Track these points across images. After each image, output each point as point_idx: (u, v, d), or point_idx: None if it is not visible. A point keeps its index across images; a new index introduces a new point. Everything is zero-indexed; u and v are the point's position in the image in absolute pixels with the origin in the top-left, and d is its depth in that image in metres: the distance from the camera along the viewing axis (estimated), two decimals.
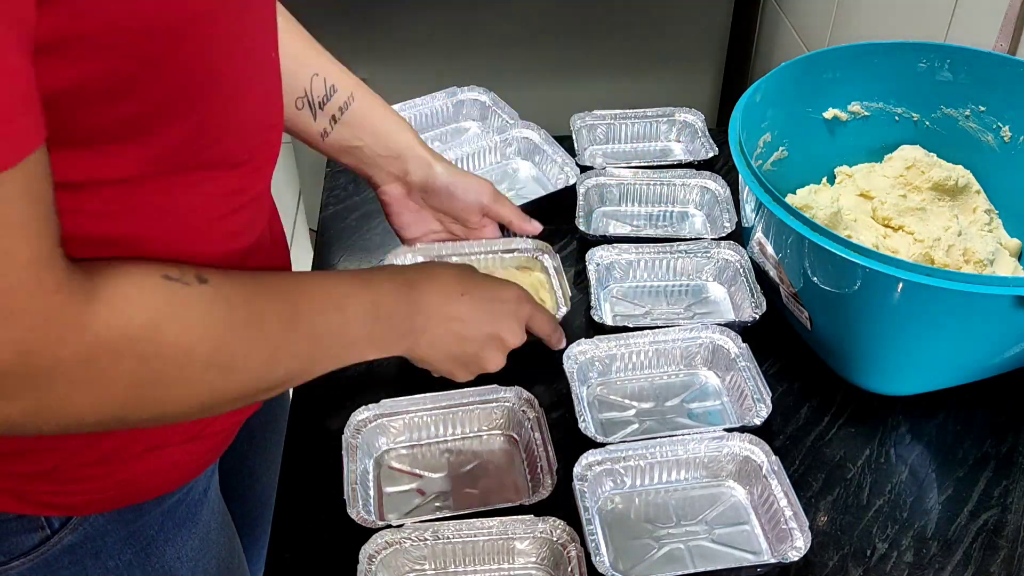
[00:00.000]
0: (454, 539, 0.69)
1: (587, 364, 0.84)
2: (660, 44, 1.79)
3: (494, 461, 0.79)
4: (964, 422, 0.83)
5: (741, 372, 0.83)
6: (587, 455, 0.74)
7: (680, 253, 0.95)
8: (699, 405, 0.84)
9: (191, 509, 0.72)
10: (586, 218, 1.01)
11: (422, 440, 0.81)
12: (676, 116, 1.16)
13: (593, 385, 0.85)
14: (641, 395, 0.85)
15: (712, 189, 1.04)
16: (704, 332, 0.86)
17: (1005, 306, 0.71)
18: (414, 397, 0.80)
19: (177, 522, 0.71)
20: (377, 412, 0.79)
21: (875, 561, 0.72)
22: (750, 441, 0.76)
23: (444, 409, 0.80)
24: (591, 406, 0.83)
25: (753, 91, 0.89)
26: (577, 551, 0.69)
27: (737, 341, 0.84)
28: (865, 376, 0.84)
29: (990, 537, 0.74)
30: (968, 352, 0.79)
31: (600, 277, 0.93)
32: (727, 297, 0.94)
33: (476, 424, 0.81)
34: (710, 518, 0.75)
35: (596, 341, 0.85)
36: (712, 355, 0.86)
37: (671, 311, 0.93)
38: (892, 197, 0.93)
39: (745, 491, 0.76)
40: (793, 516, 0.71)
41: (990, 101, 0.93)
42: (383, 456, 0.79)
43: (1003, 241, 0.93)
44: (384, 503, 0.75)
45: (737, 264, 0.93)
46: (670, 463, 0.76)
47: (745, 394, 0.82)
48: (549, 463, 0.75)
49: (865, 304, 0.76)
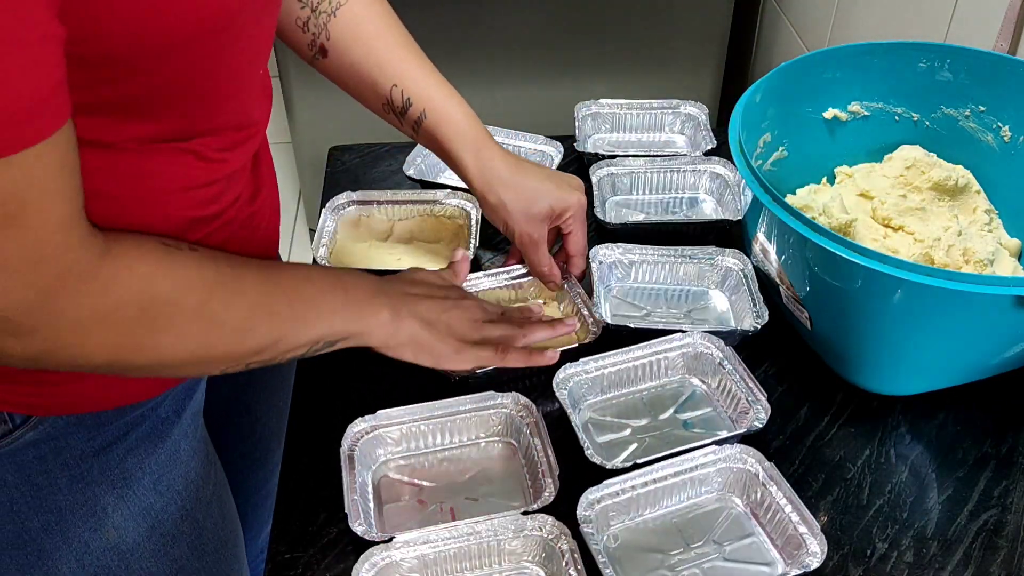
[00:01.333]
0: (448, 547, 0.69)
1: (576, 387, 0.83)
2: (660, 44, 1.79)
3: (494, 468, 0.79)
4: (964, 422, 0.83)
5: (730, 375, 0.82)
6: (587, 495, 0.72)
7: (684, 258, 0.95)
8: (692, 414, 0.83)
9: (157, 426, 0.75)
10: (601, 207, 1.01)
11: (420, 450, 0.80)
12: (681, 108, 1.16)
13: (584, 409, 0.83)
14: (633, 412, 0.83)
15: (722, 174, 1.06)
16: (687, 339, 0.85)
17: (1005, 306, 0.71)
18: (410, 407, 0.79)
19: (141, 435, 0.74)
20: (373, 423, 0.78)
21: (875, 561, 0.72)
22: (741, 451, 0.75)
23: (440, 418, 0.79)
24: (586, 430, 0.81)
25: (753, 91, 0.89)
26: (569, 544, 0.69)
27: (720, 345, 0.84)
28: (865, 376, 0.84)
29: (990, 537, 0.74)
30: (968, 352, 0.79)
31: (602, 275, 0.93)
32: (728, 305, 0.94)
33: (474, 431, 0.81)
34: (717, 535, 0.73)
35: (582, 363, 0.83)
36: (696, 361, 0.85)
37: (670, 314, 0.93)
38: (892, 197, 0.93)
39: (744, 501, 0.75)
40: (801, 520, 0.70)
41: (990, 101, 0.93)
42: (381, 467, 0.78)
43: (1003, 241, 0.93)
44: (385, 515, 0.75)
45: (740, 273, 0.93)
46: (667, 487, 0.74)
47: (738, 397, 0.81)
48: (550, 467, 0.75)
49: (865, 304, 0.76)
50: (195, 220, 0.65)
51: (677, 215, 1.06)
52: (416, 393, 0.81)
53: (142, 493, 0.75)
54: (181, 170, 0.63)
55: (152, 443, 0.75)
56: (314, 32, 0.82)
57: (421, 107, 0.84)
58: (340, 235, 1.00)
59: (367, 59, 0.83)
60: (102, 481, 0.73)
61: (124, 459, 0.74)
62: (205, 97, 0.61)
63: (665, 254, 0.95)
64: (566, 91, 1.75)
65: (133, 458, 0.74)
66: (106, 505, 0.73)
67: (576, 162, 1.13)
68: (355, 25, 0.83)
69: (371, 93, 0.85)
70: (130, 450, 0.74)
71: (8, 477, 0.69)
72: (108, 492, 0.73)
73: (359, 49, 0.83)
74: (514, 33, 1.74)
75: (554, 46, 1.77)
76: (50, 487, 0.71)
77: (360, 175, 1.11)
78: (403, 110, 0.84)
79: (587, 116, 1.16)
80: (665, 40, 1.79)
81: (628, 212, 1.06)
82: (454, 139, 0.84)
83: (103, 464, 0.72)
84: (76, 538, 0.73)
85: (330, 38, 0.82)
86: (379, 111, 0.86)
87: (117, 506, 0.74)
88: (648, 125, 1.17)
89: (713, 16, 1.76)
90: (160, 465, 0.76)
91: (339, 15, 0.82)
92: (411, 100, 0.84)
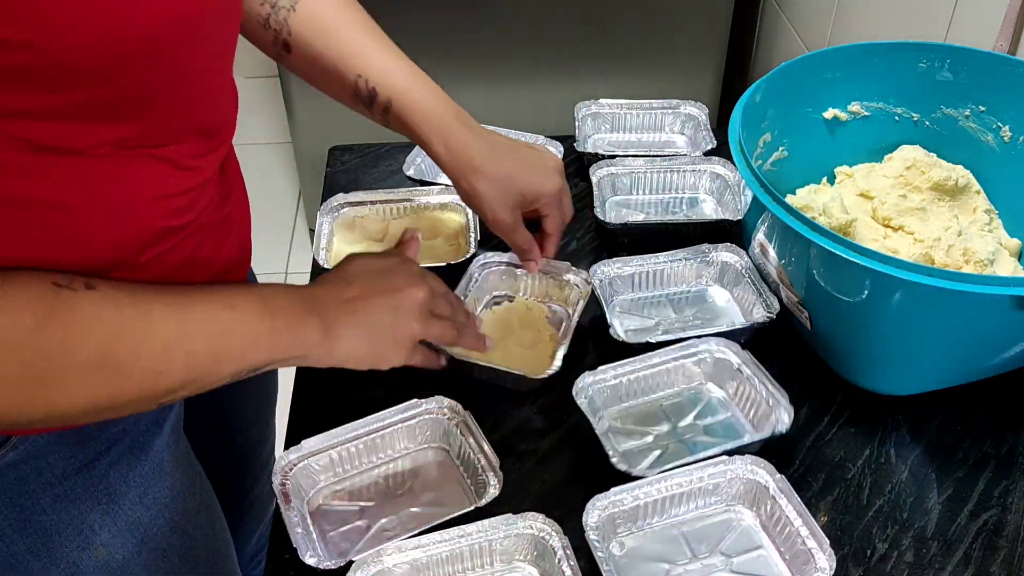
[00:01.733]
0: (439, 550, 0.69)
1: (596, 395, 0.82)
2: (660, 44, 1.79)
3: (430, 474, 0.78)
4: (964, 422, 0.83)
5: (748, 380, 0.81)
6: (593, 501, 0.71)
7: (679, 260, 0.95)
8: (713, 420, 0.82)
9: (139, 439, 0.73)
10: (601, 207, 1.01)
11: (352, 472, 0.78)
12: (681, 108, 1.16)
13: (604, 418, 0.83)
14: (653, 419, 0.83)
15: (722, 175, 1.06)
16: (702, 345, 0.84)
17: (1005, 306, 0.71)
18: (333, 431, 0.77)
19: (123, 449, 0.72)
20: (299, 455, 0.76)
21: (875, 561, 0.72)
22: (753, 462, 0.74)
23: (366, 436, 0.78)
24: (605, 438, 0.79)
25: (753, 91, 0.89)
26: (561, 541, 0.68)
27: (736, 349, 0.83)
28: (865, 376, 0.84)
29: (990, 537, 0.74)
30: (968, 352, 0.79)
31: (605, 293, 0.92)
32: (731, 300, 0.94)
33: (403, 443, 0.79)
34: (724, 547, 0.73)
35: (600, 372, 0.82)
36: (713, 368, 0.84)
37: (680, 320, 0.93)
38: (892, 197, 0.93)
39: (753, 513, 0.74)
40: (811, 535, 0.69)
41: (990, 101, 0.93)
42: (317, 496, 0.77)
43: (1003, 241, 0.93)
44: (332, 541, 0.73)
45: (738, 266, 0.93)
46: (676, 496, 0.73)
47: (757, 401, 0.80)
48: (490, 463, 0.74)
49: (865, 304, 0.76)
50: (167, 230, 0.64)
51: (677, 215, 1.06)
52: (339, 416, 0.79)
53: (128, 508, 0.74)
54: (156, 179, 0.61)
55: (135, 456, 0.73)
56: (276, 29, 0.80)
57: (387, 96, 0.82)
58: (337, 238, 1.00)
59: (328, 51, 0.81)
60: (87, 498, 0.71)
61: (107, 474, 0.72)
62: (174, 100, 0.60)
63: (660, 260, 0.95)
64: (566, 91, 1.75)
65: (116, 472, 0.72)
66: (92, 523, 0.72)
67: (576, 162, 1.13)
68: (314, 18, 0.81)
69: (338, 85, 0.82)
70: (112, 464, 0.72)
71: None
72: (93, 509, 0.72)
73: (320, 42, 0.81)
74: (514, 33, 1.74)
75: (554, 46, 1.77)
76: (34, 507, 0.69)
77: (360, 175, 1.11)
78: (370, 100, 0.82)
79: (587, 116, 1.16)
80: (665, 40, 1.79)
81: (628, 212, 1.06)
82: (422, 125, 0.82)
83: (87, 481, 0.71)
84: (64, 558, 0.72)
85: (291, 33, 0.80)
86: (348, 103, 0.84)
87: (104, 523, 0.72)
88: (648, 125, 1.17)
89: (713, 16, 1.76)
90: (144, 478, 0.75)
91: (298, 9, 0.80)
92: (376, 89, 0.81)
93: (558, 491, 0.77)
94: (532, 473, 0.78)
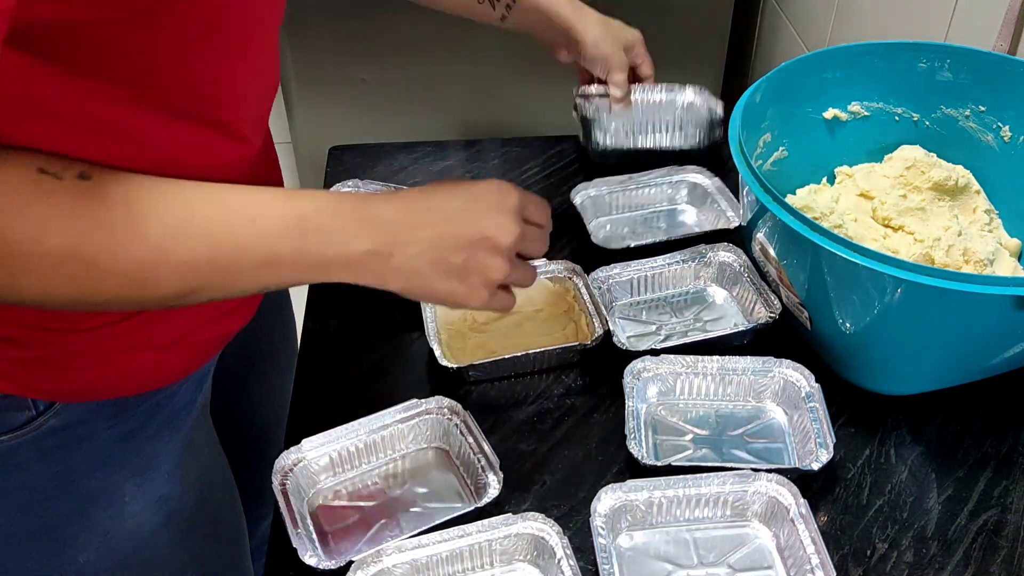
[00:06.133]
0: (439, 549, 0.69)
1: (647, 382, 0.81)
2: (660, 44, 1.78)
3: (430, 474, 0.78)
4: (964, 422, 0.83)
5: (809, 413, 0.80)
6: (606, 490, 0.71)
7: (677, 262, 0.95)
8: (760, 442, 0.81)
9: (175, 414, 0.76)
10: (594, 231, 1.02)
11: (352, 472, 0.78)
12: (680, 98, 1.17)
13: (653, 405, 0.82)
14: (700, 422, 0.82)
15: (701, 183, 1.07)
16: (777, 367, 0.82)
17: (1005, 306, 0.71)
18: (333, 431, 0.77)
19: (161, 423, 0.75)
20: (298, 456, 0.76)
21: (875, 561, 0.72)
22: (778, 482, 0.72)
23: (366, 436, 0.78)
24: (646, 426, 0.79)
25: (753, 91, 0.89)
26: (561, 540, 0.68)
27: (810, 380, 0.81)
28: (865, 376, 0.84)
29: (990, 537, 0.74)
30: (968, 352, 0.79)
31: (604, 301, 0.91)
32: (731, 300, 0.94)
33: (402, 443, 0.79)
34: (732, 560, 0.72)
35: (660, 360, 0.82)
36: (782, 391, 0.83)
37: (682, 323, 0.92)
38: (892, 197, 0.93)
39: (771, 533, 0.73)
40: (820, 564, 0.67)
41: (990, 101, 0.93)
42: (317, 497, 0.77)
43: (1003, 241, 0.93)
44: (332, 541, 0.73)
45: (737, 265, 0.93)
46: (693, 500, 0.73)
47: (809, 436, 0.78)
48: (490, 462, 0.74)
49: (865, 304, 0.76)
50: None
51: (663, 228, 1.05)
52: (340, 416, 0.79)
53: (160, 481, 0.76)
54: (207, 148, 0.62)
55: (171, 431, 0.76)
56: None
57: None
58: None
59: None
60: (124, 468, 0.73)
61: (145, 447, 0.74)
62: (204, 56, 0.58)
63: (657, 263, 0.95)
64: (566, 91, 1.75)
65: (152, 446, 0.75)
66: (125, 493, 0.74)
67: (578, 161, 1.13)
68: None
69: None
70: (150, 438, 0.74)
71: (31, 464, 0.69)
72: (129, 479, 0.74)
73: None
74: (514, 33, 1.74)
75: None
76: (73, 474, 0.71)
77: (360, 175, 1.11)
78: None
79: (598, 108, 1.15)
80: (665, 40, 1.78)
81: (614, 230, 1.05)
82: None
83: (126, 451, 0.73)
84: (97, 525, 0.73)
85: None
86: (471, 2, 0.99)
87: (136, 494, 0.74)
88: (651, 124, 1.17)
89: (713, 16, 1.76)
90: (178, 453, 0.77)
91: None
92: None
93: (558, 491, 0.77)
94: (532, 473, 0.78)
